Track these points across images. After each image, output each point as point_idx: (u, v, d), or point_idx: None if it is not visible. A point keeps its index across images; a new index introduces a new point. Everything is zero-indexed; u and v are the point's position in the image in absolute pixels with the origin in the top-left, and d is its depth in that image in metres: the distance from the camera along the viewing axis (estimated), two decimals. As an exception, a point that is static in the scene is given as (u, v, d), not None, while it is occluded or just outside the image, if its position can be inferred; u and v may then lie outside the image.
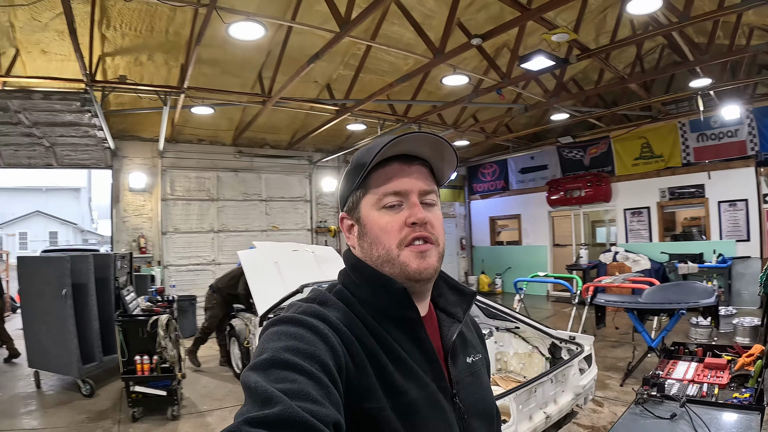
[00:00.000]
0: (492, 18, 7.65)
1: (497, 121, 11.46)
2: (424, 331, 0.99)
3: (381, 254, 0.99)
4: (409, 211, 0.98)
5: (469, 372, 1.08)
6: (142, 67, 7.80)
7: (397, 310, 0.97)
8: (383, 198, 0.99)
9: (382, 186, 0.99)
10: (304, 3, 6.74)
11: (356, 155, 1.05)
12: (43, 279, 6.00)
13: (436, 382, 0.97)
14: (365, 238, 1.02)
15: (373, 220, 1.00)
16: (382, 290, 0.97)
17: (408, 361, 0.94)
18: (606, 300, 6.70)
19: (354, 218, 1.04)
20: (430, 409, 0.93)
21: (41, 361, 6.23)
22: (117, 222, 10.34)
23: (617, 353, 7.30)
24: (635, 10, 5.69)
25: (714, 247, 10.03)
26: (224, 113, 9.99)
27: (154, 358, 5.24)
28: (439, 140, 1.00)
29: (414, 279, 0.98)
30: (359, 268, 1.02)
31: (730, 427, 2.21)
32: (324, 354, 0.82)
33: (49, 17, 6.42)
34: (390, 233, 0.98)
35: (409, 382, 0.92)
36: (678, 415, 2.30)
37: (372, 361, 0.90)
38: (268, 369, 0.76)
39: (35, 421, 5.25)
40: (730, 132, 10.12)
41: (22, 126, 7.38)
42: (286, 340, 0.82)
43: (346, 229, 1.07)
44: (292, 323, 0.87)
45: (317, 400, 0.72)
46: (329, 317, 0.90)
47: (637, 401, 2.45)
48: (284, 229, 12.46)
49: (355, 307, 0.97)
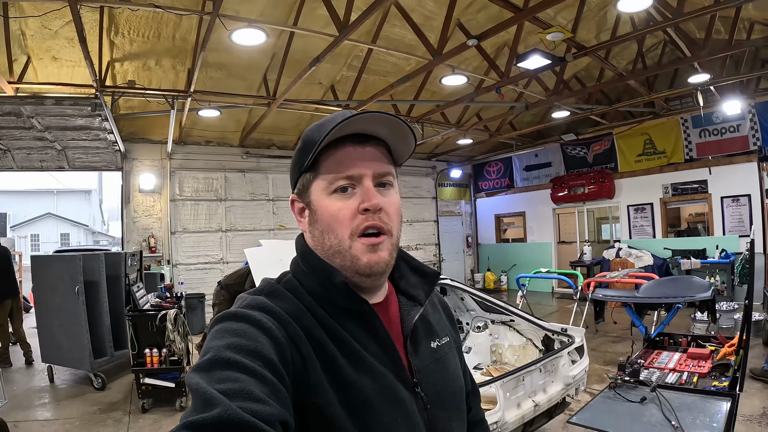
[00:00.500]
0: (492, 18, 7.75)
1: (501, 119, 11.56)
2: (378, 320, 0.94)
3: (333, 244, 0.93)
4: (362, 197, 0.92)
5: (433, 358, 1.02)
6: (150, 72, 8.01)
7: (344, 302, 0.92)
8: (334, 182, 0.93)
9: (333, 169, 0.93)
10: (306, 7, 6.90)
11: (306, 132, 0.98)
12: (57, 277, 6.24)
13: (395, 373, 0.92)
14: (316, 225, 0.96)
15: (324, 206, 0.94)
16: (327, 281, 0.93)
17: (361, 352, 0.89)
18: (603, 294, 6.79)
19: (304, 202, 0.99)
20: (385, 402, 0.88)
21: (54, 355, 6.46)
22: (127, 222, 10.60)
23: (617, 348, 7.40)
24: (625, 7, 5.78)
25: (717, 243, 10.06)
26: (231, 115, 10.20)
27: (163, 351, 5.45)
28: (395, 119, 0.93)
29: (364, 274, 0.93)
30: (307, 256, 0.98)
31: (699, 412, 2.33)
32: (268, 349, 0.78)
33: (59, 25, 6.64)
34: (342, 221, 0.92)
35: (361, 374, 0.87)
36: (648, 399, 2.42)
37: (319, 354, 0.85)
38: (210, 369, 0.73)
39: (48, 413, 5.48)
40: (732, 127, 10.14)
41: (34, 130, 7.63)
42: (229, 338, 0.79)
43: (297, 213, 1.02)
44: (234, 319, 0.83)
45: (260, 398, 0.70)
46: (273, 308, 0.86)
47: (611, 385, 2.58)
48: (291, 227, 12.63)
49: (303, 297, 0.92)
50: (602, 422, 2.20)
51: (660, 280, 6.80)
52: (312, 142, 0.93)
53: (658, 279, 6.90)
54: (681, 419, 2.20)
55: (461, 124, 11.50)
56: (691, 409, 2.36)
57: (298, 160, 0.98)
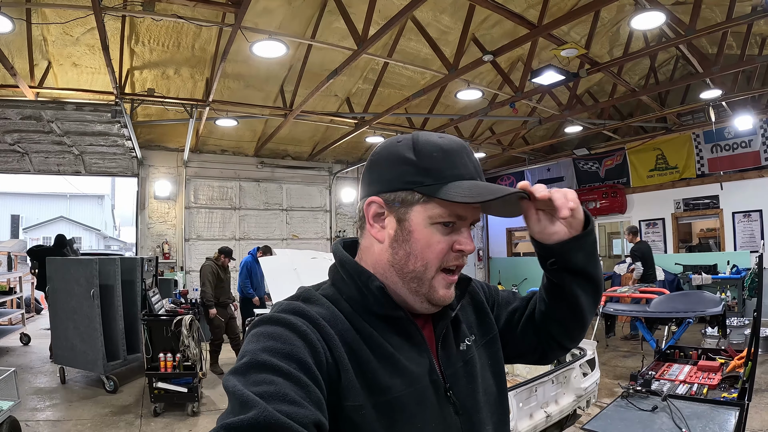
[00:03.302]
0: (506, 33, 7.86)
1: (514, 133, 11.65)
2: (414, 325, 0.95)
3: (417, 269, 0.93)
4: (460, 238, 0.93)
5: (462, 361, 1.02)
6: (168, 81, 8.18)
7: (380, 308, 0.93)
8: (444, 216, 0.91)
9: (449, 206, 0.91)
10: (324, 20, 7.05)
11: (425, 146, 0.93)
12: (73, 279, 6.35)
13: (428, 377, 0.93)
14: (404, 246, 0.93)
15: (424, 233, 0.92)
16: (365, 288, 0.93)
17: (394, 356, 0.90)
18: (615, 309, 6.81)
19: (396, 214, 0.94)
20: (418, 406, 0.89)
21: (67, 357, 6.56)
22: (142, 228, 10.75)
23: (628, 363, 7.37)
24: (639, 25, 5.86)
25: (728, 258, 10.01)
26: (247, 125, 10.36)
27: (177, 356, 5.52)
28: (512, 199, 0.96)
29: (435, 304, 0.95)
30: (345, 263, 0.98)
31: (708, 421, 2.37)
32: (303, 352, 0.80)
33: (80, 32, 6.81)
34: (436, 253, 0.92)
35: (394, 378, 0.88)
36: (659, 408, 2.46)
37: (353, 358, 0.86)
38: (247, 372, 0.75)
39: (60, 413, 5.55)
40: (743, 142, 10.15)
41: (53, 135, 7.81)
42: (265, 341, 0.81)
43: (373, 216, 0.96)
44: (270, 323, 0.85)
45: (295, 400, 0.71)
46: (309, 312, 0.88)
47: (623, 395, 2.62)
48: (304, 238, 12.76)
49: (340, 303, 0.94)
50: (615, 429, 2.24)
51: (671, 295, 6.80)
52: (433, 164, 0.91)
53: (669, 294, 6.90)
54: (691, 428, 2.23)
55: (474, 138, 11.59)
56: (701, 418, 2.39)
57: (406, 170, 0.93)
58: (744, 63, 7.31)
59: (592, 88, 10.63)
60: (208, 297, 7.17)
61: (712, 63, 7.14)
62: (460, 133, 11.24)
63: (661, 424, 2.31)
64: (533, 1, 7.22)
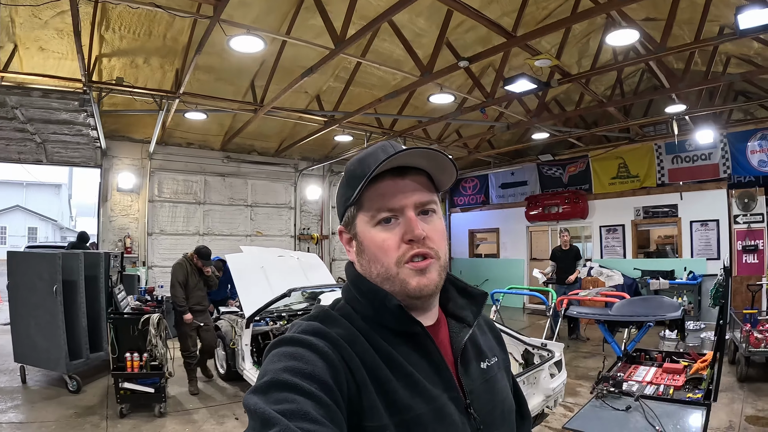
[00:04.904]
0: (480, 39, 7.98)
1: (480, 137, 11.84)
2: (431, 341, 0.96)
3: (380, 272, 0.96)
4: (405, 228, 0.95)
5: (483, 379, 1.03)
6: (137, 70, 7.95)
7: (397, 325, 0.95)
8: (377, 215, 0.96)
9: (375, 202, 0.96)
10: (300, 17, 6.99)
11: (348, 167, 1.02)
12: (35, 274, 6.10)
13: (448, 394, 0.94)
14: (363, 255, 1.00)
15: (370, 238, 0.97)
16: (380, 305, 0.95)
17: (414, 375, 0.91)
18: (578, 312, 7.01)
19: (351, 233, 1.02)
20: (439, 424, 0.90)
21: (28, 355, 6.29)
22: (104, 221, 10.44)
23: (589, 363, 7.61)
24: (614, 41, 6.07)
25: (685, 265, 10.47)
26: (215, 119, 10.18)
27: (144, 356, 5.39)
28: (434, 153, 0.97)
29: (415, 296, 0.95)
30: (359, 283, 1.01)
31: (678, 419, 2.50)
32: (324, 373, 0.81)
33: (49, 15, 6.53)
34: (387, 251, 0.95)
35: (415, 397, 0.89)
36: (633, 407, 2.58)
37: (373, 378, 0.87)
38: (268, 391, 0.76)
39: (23, 415, 5.32)
40: (704, 155, 10.65)
41: (16, 121, 7.51)
42: (286, 361, 0.82)
43: (345, 242, 1.05)
44: (291, 343, 0.87)
45: (317, 419, 0.72)
46: (329, 334, 0.89)
47: (597, 395, 2.73)
48: (268, 234, 12.66)
49: (357, 322, 0.95)
50: (593, 428, 2.34)
51: (632, 299, 7.06)
52: (355, 177, 0.98)
53: (630, 298, 7.16)
54: (663, 425, 2.35)
55: (441, 140, 11.72)
56: (671, 417, 2.53)
57: (343, 194, 1.02)
58: (710, 81, 7.63)
59: (559, 96, 10.91)
60: (178, 301, 6.28)
61: (679, 79, 7.43)
62: (428, 135, 11.37)
63: (636, 422, 2.43)
64: (507, 9, 7.37)
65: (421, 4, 7.34)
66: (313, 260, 8.30)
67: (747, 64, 8.32)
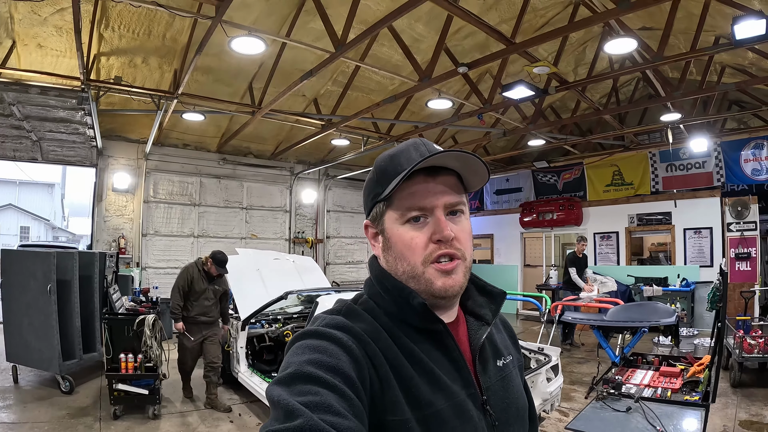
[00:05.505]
0: (478, 45, 8.04)
1: (476, 143, 11.89)
2: (452, 338, 0.98)
3: (406, 270, 0.97)
4: (434, 228, 0.96)
5: (499, 376, 1.05)
6: (135, 69, 7.94)
7: (420, 322, 0.96)
8: (407, 213, 0.97)
9: (406, 200, 0.97)
10: (301, 19, 7.01)
11: (379, 163, 1.03)
12: (29, 273, 6.05)
13: (466, 391, 0.95)
14: (390, 252, 1.00)
15: (398, 235, 0.98)
16: (404, 303, 0.96)
17: (435, 371, 0.93)
18: (573, 317, 7.05)
19: (378, 229, 1.03)
20: (458, 419, 0.91)
21: (21, 355, 6.23)
22: (98, 221, 10.37)
23: (583, 369, 7.63)
24: (612, 50, 6.13)
25: (678, 272, 10.54)
26: (212, 120, 10.16)
27: (139, 357, 5.34)
28: (468, 156, 0.97)
29: (439, 296, 0.96)
30: (383, 278, 1.01)
31: (678, 420, 2.52)
32: (347, 366, 0.82)
33: (48, 12, 6.52)
34: (414, 250, 0.96)
35: (436, 392, 0.91)
36: (633, 408, 2.60)
37: (396, 373, 0.89)
38: (292, 383, 0.77)
39: (15, 416, 5.26)
40: (698, 163, 10.75)
41: (12, 118, 7.45)
42: (310, 354, 0.83)
43: (371, 237, 1.06)
44: (315, 336, 0.88)
45: (340, 412, 0.73)
46: (353, 328, 0.90)
47: (598, 397, 2.75)
48: (263, 237, 12.62)
49: (380, 318, 0.96)
50: (596, 429, 2.36)
51: (627, 305, 7.11)
52: (386, 174, 0.99)
53: (625, 304, 7.21)
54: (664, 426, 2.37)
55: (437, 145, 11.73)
56: (671, 418, 2.55)
57: (372, 189, 1.03)
58: (705, 90, 7.71)
59: (555, 104, 11.00)
60: (173, 308, 5.74)
61: (675, 88, 7.51)
62: (423, 141, 11.34)
63: (636, 423, 2.45)
64: (506, 16, 7.44)
65: (421, 10, 7.37)
66: (308, 263, 8.31)
67: (741, 74, 8.43)
